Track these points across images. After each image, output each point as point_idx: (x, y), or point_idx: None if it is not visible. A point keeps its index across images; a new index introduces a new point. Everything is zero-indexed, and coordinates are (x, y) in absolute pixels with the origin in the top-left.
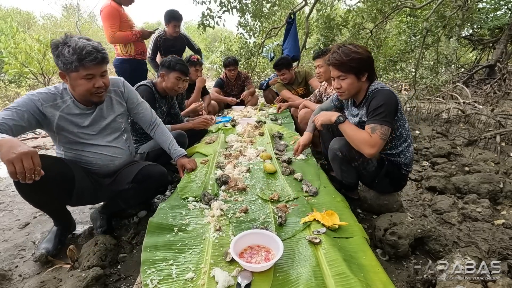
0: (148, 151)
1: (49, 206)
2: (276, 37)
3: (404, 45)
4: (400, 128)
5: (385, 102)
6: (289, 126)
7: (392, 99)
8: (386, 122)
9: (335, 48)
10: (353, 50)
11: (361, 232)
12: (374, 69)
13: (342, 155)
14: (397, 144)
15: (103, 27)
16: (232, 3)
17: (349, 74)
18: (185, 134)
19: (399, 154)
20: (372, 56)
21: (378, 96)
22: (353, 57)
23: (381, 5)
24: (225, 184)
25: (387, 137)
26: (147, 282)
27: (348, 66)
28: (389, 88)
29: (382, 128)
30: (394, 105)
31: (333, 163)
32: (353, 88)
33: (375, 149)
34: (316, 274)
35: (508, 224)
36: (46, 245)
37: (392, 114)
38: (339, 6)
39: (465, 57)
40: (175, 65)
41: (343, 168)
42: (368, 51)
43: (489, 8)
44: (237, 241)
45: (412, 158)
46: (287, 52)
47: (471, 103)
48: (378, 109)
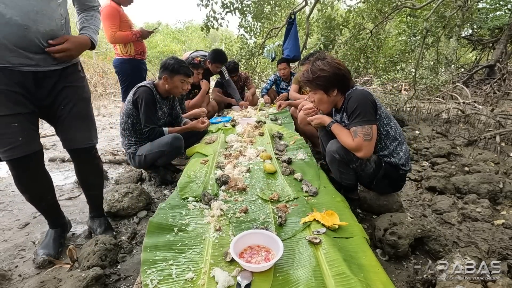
0: (145, 154)
1: (47, 200)
2: (277, 37)
3: (404, 45)
4: (386, 127)
5: (358, 103)
6: (289, 126)
7: (364, 98)
8: (366, 121)
9: (311, 62)
10: (320, 68)
11: (361, 232)
12: (347, 82)
13: (340, 157)
14: (387, 144)
15: (103, 27)
16: (234, 4)
17: (318, 90)
18: (180, 137)
19: (391, 153)
20: (344, 71)
21: (351, 99)
22: (318, 75)
23: (381, 5)
24: (225, 184)
25: (372, 135)
26: (147, 282)
27: (315, 84)
28: (362, 88)
29: (364, 129)
30: (369, 103)
31: (331, 166)
32: (324, 103)
33: (363, 151)
34: (316, 274)
35: (508, 224)
36: (46, 251)
37: (369, 112)
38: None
39: (465, 57)
40: (179, 69)
41: (341, 170)
42: (339, 67)
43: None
44: (237, 241)
45: (408, 157)
46: (287, 52)
47: (471, 103)
48: (354, 112)
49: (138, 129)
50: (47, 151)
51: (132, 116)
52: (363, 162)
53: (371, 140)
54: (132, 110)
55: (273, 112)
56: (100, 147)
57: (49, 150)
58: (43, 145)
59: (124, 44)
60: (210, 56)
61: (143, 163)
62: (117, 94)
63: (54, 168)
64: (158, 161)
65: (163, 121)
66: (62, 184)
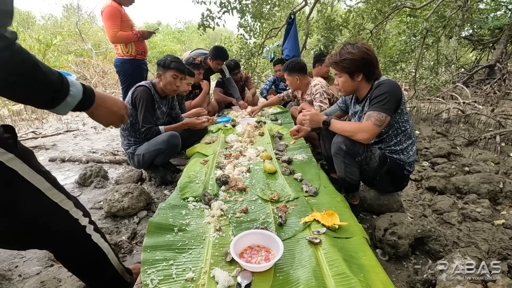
0: (143, 153)
1: None
2: (276, 37)
3: (404, 46)
4: (406, 124)
5: (388, 90)
6: (289, 126)
7: (395, 89)
8: (385, 110)
9: (341, 45)
10: (348, 51)
11: (361, 232)
12: (373, 69)
13: (346, 148)
14: (402, 140)
15: (104, 27)
16: (232, 3)
17: (343, 73)
18: (177, 135)
19: (403, 151)
20: (372, 57)
21: (382, 85)
22: (346, 57)
23: (381, 5)
24: (225, 184)
25: (383, 124)
26: (147, 282)
27: (341, 66)
28: (394, 80)
29: (379, 115)
30: (398, 95)
31: (336, 158)
32: (348, 86)
33: (368, 134)
34: (316, 274)
35: (508, 224)
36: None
37: (393, 103)
38: (339, 7)
39: (465, 57)
40: (170, 63)
41: (346, 162)
42: (367, 52)
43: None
44: (237, 241)
45: (415, 159)
46: (287, 53)
47: (471, 103)
48: (379, 96)
49: (137, 129)
50: (47, 151)
51: (131, 116)
52: (368, 155)
53: (379, 127)
54: (131, 110)
55: (273, 112)
56: (100, 147)
57: (49, 150)
58: (43, 145)
59: (125, 44)
60: (212, 52)
61: (141, 162)
62: (118, 94)
63: (54, 168)
64: (156, 159)
65: (162, 120)
66: (62, 184)
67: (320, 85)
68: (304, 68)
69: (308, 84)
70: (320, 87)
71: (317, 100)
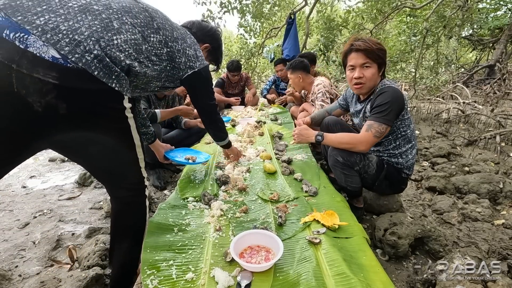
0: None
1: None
2: (276, 37)
3: (404, 45)
4: (406, 128)
5: (391, 100)
6: (289, 126)
7: (398, 98)
8: (386, 121)
9: (354, 39)
10: (377, 42)
11: (361, 232)
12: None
13: (343, 160)
14: (401, 144)
15: None
16: (233, 3)
17: (374, 64)
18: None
19: (402, 154)
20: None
21: (386, 93)
22: (380, 47)
23: (381, 5)
24: (225, 184)
25: (382, 135)
26: (147, 282)
27: (376, 55)
28: (397, 87)
29: (380, 126)
30: (400, 105)
31: (334, 170)
32: (372, 80)
33: (368, 145)
34: (316, 274)
35: (508, 224)
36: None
37: (394, 113)
38: (339, 7)
39: (465, 57)
40: None
41: (345, 173)
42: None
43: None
44: (237, 241)
45: (414, 162)
46: (287, 52)
47: (471, 103)
48: (382, 106)
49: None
50: (47, 151)
51: None
52: (366, 163)
53: (378, 138)
54: None
55: (273, 112)
56: None
57: (49, 150)
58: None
59: None
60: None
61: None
62: None
63: (54, 168)
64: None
65: (162, 121)
66: (62, 184)
67: (323, 84)
68: (307, 68)
69: (312, 83)
70: (322, 87)
71: (319, 99)
